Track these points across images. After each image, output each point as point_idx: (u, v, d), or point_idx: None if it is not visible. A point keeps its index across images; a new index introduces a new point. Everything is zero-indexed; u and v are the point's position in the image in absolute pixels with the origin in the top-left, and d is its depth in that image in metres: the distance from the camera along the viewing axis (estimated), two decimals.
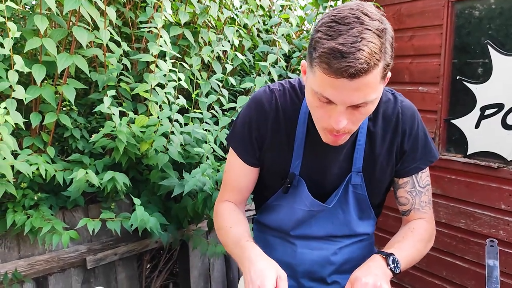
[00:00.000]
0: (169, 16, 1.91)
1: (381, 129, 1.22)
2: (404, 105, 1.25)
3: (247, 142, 1.26)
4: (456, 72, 2.16)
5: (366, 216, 1.33)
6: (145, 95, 1.91)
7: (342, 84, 0.92)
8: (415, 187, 1.29)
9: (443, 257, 2.27)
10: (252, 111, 1.26)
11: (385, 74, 0.97)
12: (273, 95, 1.24)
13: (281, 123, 1.23)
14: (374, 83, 0.95)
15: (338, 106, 0.97)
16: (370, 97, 0.96)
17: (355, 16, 0.92)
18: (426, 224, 1.30)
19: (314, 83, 0.98)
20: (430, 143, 1.29)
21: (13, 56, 1.62)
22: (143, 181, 2.19)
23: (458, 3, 2.12)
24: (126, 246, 2.22)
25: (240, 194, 1.35)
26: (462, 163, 2.15)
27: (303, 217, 1.29)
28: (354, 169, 1.23)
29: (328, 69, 0.91)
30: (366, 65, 0.89)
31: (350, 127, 1.04)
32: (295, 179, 1.24)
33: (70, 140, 2.03)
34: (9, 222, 1.79)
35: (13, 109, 1.62)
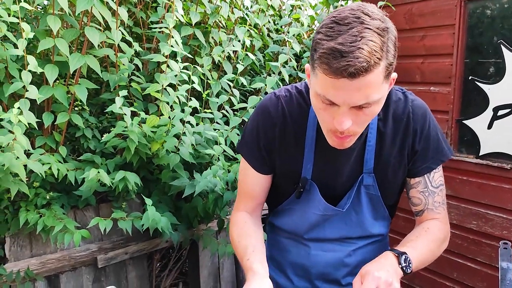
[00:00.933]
0: (181, 17, 1.91)
1: (391, 130, 1.21)
2: (415, 104, 1.22)
3: (256, 150, 1.27)
4: (468, 72, 2.14)
5: (380, 216, 1.31)
6: (157, 95, 1.92)
7: (343, 85, 0.91)
8: (427, 187, 1.27)
9: (454, 258, 2.26)
10: (259, 119, 1.26)
11: (388, 73, 0.96)
12: (279, 101, 1.23)
13: (290, 129, 1.23)
14: (376, 83, 0.93)
15: (341, 107, 0.96)
16: (373, 98, 0.95)
17: (355, 16, 0.91)
18: (440, 225, 1.28)
19: (317, 85, 0.98)
20: (442, 142, 1.26)
21: (27, 56, 1.63)
22: (153, 181, 2.20)
23: (471, 2, 2.10)
24: (137, 245, 2.24)
25: (255, 201, 1.35)
26: (474, 164, 2.14)
27: (317, 221, 1.28)
28: (365, 170, 1.22)
29: (328, 69, 0.91)
30: (366, 64, 0.88)
31: (354, 129, 1.02)
32: (307, 183, 1.23)
33: (82, 139, 2.04)
34: (22, 221, 1.81)
35: (26, 109, 1.64)
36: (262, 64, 2.65)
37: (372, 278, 1.02)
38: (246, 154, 1.30)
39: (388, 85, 1.00)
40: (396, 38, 0.97)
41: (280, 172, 1.28)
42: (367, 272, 1.05)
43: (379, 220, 1.32)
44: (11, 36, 1.69)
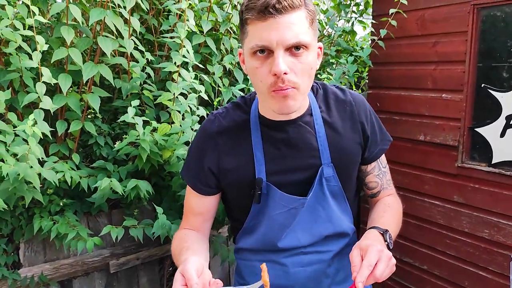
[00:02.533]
0: (193, 27, 1.93)
1: (337, 119, 1.27)
2: (353, 94, 1.32)
3: (199, 171, 1.27)
4: (481, 79, 2.12)
5: (344, 211, 1.32)
6: (168, 104, 1.93)
7: (271, 23, 1.00)
8: (380, 169, 1.36)
9: (465, 267, 2.24)
10: (198, 140, 1.29)
11: (311, 21, 1.06)
12: (216, 118, 1.27)
13: (232, 139, 1.24)
14: (302, 24, 1.03)
15: (276, 51, 1.02)
16: (303, 37, 1.02)
17: None
18: (395, 198, 1.39)
19: (249, 42, 1.05)
20: (382, 126, 1.38)
21: (41, 68, 1.65)
22: (165, 187, 2.22)
23: (484, 9, 2.09)
24: (148, 251, 2.26)
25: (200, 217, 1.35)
26: (486, 172, 2.12)
27: (285, 220, 1.25)
28: (323, 161, 1.23)
29: (255, 11, 1.01)
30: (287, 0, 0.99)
31: (294, 79, 1.05)
32: (263, 185, 1.22)
33: (95, 146, 2.07)
34: (36, 228, 1.84)
35: (40, 119, 1.66)
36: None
37: (376, 250, 1.03)
38: (188, 177, 1.31)
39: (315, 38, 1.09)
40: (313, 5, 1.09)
41: (233, 181, 1.26)
42: (367, 245, 1.05)
43: (344, 214, 1.32)
44: (26, 46, 1.72)
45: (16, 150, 1.59)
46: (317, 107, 1.26)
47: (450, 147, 2.26)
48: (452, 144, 2.25)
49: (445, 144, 2.29)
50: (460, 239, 2.26)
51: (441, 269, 2.37)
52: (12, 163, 1.58)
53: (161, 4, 2.29)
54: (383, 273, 1.01)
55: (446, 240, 2.32)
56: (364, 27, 2.89)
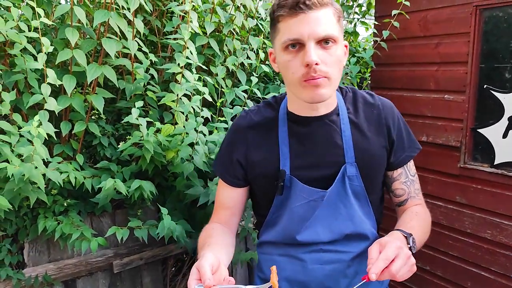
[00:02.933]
0: (196, 28, 1.93)
1: (364, 121, 1.29)
2: (382, 99, 1.35)
3: (229, 164, 1.35)
4: (483, 80, 2.13)
5: (367, 212, 1.32)
6: (172, 105, 1.94)
7: (302, 18, 1.08)
8: (408, 177, 1.36)
9: (468, 267, 2.25)
10: (231, 135, 1.37)
11: (338, 18, 1.14)
12: (247, 114, 1.36)
13: (261, 133, 1.31)
14: (330, 20, 1.10)
15: (307, 44, 1.09)
16: (332, 31, 1.10)
17: None
18: (424, 209, 1.38)
19: (281, 38, 1.13)
20: (411, 132, 1.38)
21: (46, 70, 1.66)
22: (168, 187, 2.23)
23: (486, 10, 2.09)
24: (152, 251, 2.27)
25: (228, 211, 1.40)
26: (488, 173, 2.13)
27: (304, 213, 1.27)
28: (347, 160, 1.25)
29: (286, 8, 1.09)
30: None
31: (325, 69, 1.11)
32: (286, 177, 1.26)
33: (99, 147, 2.08)
34: (41, 228, 1.85)
35: (45, 120, 1.68)
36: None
37: (395, 247, 1.04)
38: (219, 171, 1.39)
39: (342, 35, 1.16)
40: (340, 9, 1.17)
41: (259, 173, 1.31)
42: (388, 241, 1.06)
43: (367, 217, 1.32)
44: (31, 47, 1.73)
45: (21, 151, 1.60)
46: (345, 108, 1.30)
47: (453, 148, 2.27)
48: (455, 145, 2.25)
49: (447, 145, 2.29)
50: (463, 239, 2.27)
51: (444, 270, 2.38)
52: (17, 164, 1.59)
53: (165, 5, 2.31)
54: (399, 270, 1.01)
55: (449, 240, 2.33)
56: (367, 28, 2.90)
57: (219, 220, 1.40)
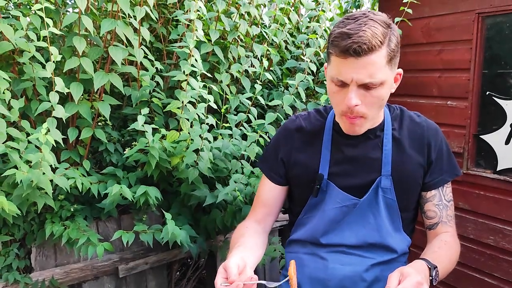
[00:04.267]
0: (201, 36, 1.97)
1: (407, 138, 1.32)
2: (428, 121, 1.38)
3: (273, 161, 1.41)
4: (486, 87, 2.14)
5: (397, 228, 1.33)
6: (177, 112, 1.97)
7: (350, 63, 1.09)
8: (441, 200, 1.36)
9: (471, 273, 2.25)
10: (279, 135, 1.44)
11: (390, 59, 1.14)
12: (298, 118, 1.42)
13: (306, 137, 1.37)
14: (379, 64, 1.11)
15: (350, 86, 1.13)
16: (376, 77, 1.12)
17: (363, 13, 1.13)
18: (454, 238, 1.36)
19: (330, 71, 1.17)
20: (453, 158, 1.38)
21: (54, 78, 1.70)
22: (173, 193, 2.25)
23: (489, 17, 2.11)
24: (156, 256, 2.29)
25: (266, 209, 1.44)
26: (491, 179, 2.13)
27: (335, 216, 1.31)
28: (383, 173, 1.29)
29: (338, 49, 1.10)
30: (368, 43, 1.07)
31: (363, 110, 1.17)
32: (323, 181, 1.31)
33: (105, 153, 2.11)
34: (48, 233, 1.88)
35: (53, 128, 1.71)
36: (279, 77, 2.69)
37: (415, 281, 1.03)
38: (264, 168, 1.45)
39: (393, 73, 1.19)
40: (399, 37, 1.17)
41: (299, 174, 1.37)
42: (409, 273, 1.06)
43: (396, 232, 1.33)
44: (39, 56, 1.77)
45: (30, 157, 1.63)
46: (390, 124, 1.34)
47: (455, 154, 2.26)
48: (457, 151, 2.26)
49: None
50: (465, 245, 2.27)
51: (447, 276, 2.38)
52: (26, 170, 1.62)
53: (170, 13, 2.34)
54: None
55: None
56: None
57: (255, 217, 1.44)
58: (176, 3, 2.32)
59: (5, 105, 1.68)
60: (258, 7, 2.44)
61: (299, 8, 2.91)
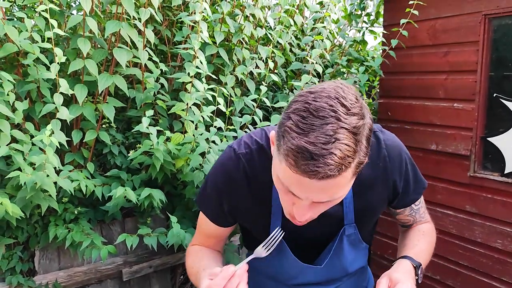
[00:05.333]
0: (206, 38, 1.96)
1: (368, 177, 1.14)
2: (388, 145, 1.17)
3: (217, 209, 1.22)
4: (493, 89, 2.12)
5: (360, 250, 1.29)
6: (181, 114, 1.96)
7: (309, 184, 0.84)
8: (412, 209, 1.31)
9: (478, 277, 2.23)
10: (219, 180, 1.19)
11: (357, 171, 0.90)
12: (240, 161, 1.15)
13: (254, 189, 1.16)
14: (344, 183, 0.88)
15: (302, 202, 0.91)
16: (337, 195, 0.91)
17: (332, 108, 0.83)
18: (430, 225, 1.35)
19: (280, 171, 0.90)
20: (418, 173, 1.27)
21: (59, 80, 1.69)
22: (177, 196, 2.24)
23: (495, 19, 2.09)
24: (160, 259, 2.28)
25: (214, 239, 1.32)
26: (499, 181, 2.11)
27: (296, 274, 1.24)
28: (346, 222, 1.19)
29: (295, 167, 0.83)
30: (336, 171, 0.82)
31: (313, 217, 0.99)
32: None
33: (109, 155, 2.10)
34: (51, 236, 1.87)
35: (57, 129, 1.70)
36: (284, 79, 2.68)
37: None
38: (205, 210, 1.26)
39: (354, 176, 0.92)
40: (371, 132, 0.89)
41: (250, 226, 1.25)
42: (398, 280, 1.02)
43: (359, 257, 1.30)
44: (43, 58, 1.76)
45: (34, 159, 1.62)
46: None
47: (462, 157, 2.26)
48: (464, 154, 2.24)
49: (457, 153, 2.28)
50: (473, 249, 2.25)
51: (454, 280, 2.36)
52: (30, 172, 1.61)
53: (175, 15, 2.33)
54: None
55: (459, 250, 2.31)
56: (375, 37, 2.90)
57: (204, 245, 1.32)
58: (181, 6, 2.31)
59: (9, 107, 1.67)
60: (263, 9, 2.43)
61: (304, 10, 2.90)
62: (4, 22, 1.70)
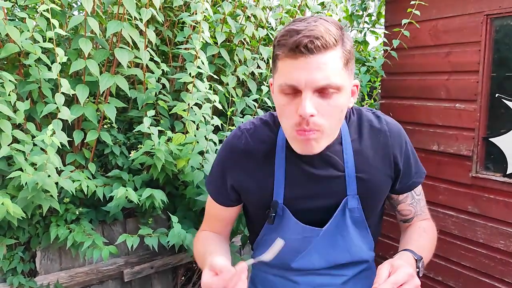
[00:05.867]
0: (207, 38, 1.95)
1: (369, 148, 1.20)
2: (389, 124, 1.24)
3: (222, 187, 1.26)
4: (495, 89, 2.12)
5: (366, 239, 1.28)
6: (183, 114, 1.96)
7: (301, 63, 0.95)
8: (414, 198, 1.32)
9: (481, 278, 2.22)
10: (223, 155, 1.26)
11: (347, 61, 1.00)
12: (243, 135, 1.23)
13: (256, 158, 1.21)
14: (335, 65, 0.97)
15: (304, 92, 0.98)
16: (334, 80, 0.98)
17: (313, 17, 1.01)
18: (431, 224, 1.35)
19: (278, 79, 1.02)
20: (418, 159, 1.32)
21: (60, 80, 1.69)
22: (179, 196, 2.24)
23: (497, 19, 2.09)
24: (162, 260, 2.27)
25: (221, 223, 1.36)
26: (501, 182, 2.11)
27: (300, 246, 1.23)
28: (349, 192, 1.19)
29: (286, 48, 0.96)
30: (321, 38, 0.94)
31: (320, 122, 1.01)
32: (278, 207, 1.19)
33: (110, 156, 2.10)
34: (53, 236, 1.87)
35: (59, 129, 1.70)
36: None
37: (407, 273, 0.99)
38: (211, 191, 1.31)
39: (350, 80, 1.04)
40: (352, 43, 1.04)
41: (253, 200, 1.26)
42: (399, 265, 1.02)
43: (364, 242, 1.28)
44: (45, 58, 1.76)
45: (35, 159, 1.62)
46: (348, 136, 1.20)
47: (464, 157, 2.25)
48: (466, 154, 2.24)
49: (459, 154, 2.28)
50: (475, 250, 2.24)
51: (456, 280, 2.35)
52: (31, 173, 1.61)
53: (176, 16, 2.33)
54: None
55: (461, 251, 2.30)
56: (377, 37, 2.90)
57: (211, 229, 1.36)
58: (182, 6, 2.31)
59: (11, 107, 1.67)
60: (264, 10, 2.43)
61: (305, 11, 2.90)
62: (6, 23, 1.70)
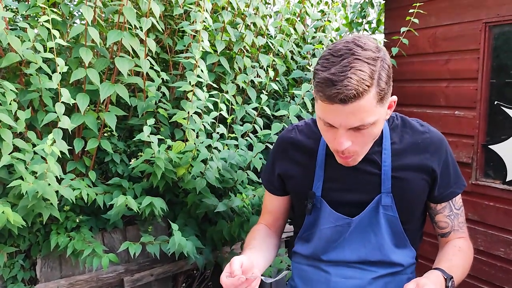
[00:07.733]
0: (207, 47, 1.97)
1: (408, 151, 1.26)
2: (432, 132, 1.30)
3: (271, 175, 1.41)
4: (494, 96, 2.12)
5: (401, 243, 1.30)
6: (183, 122, 1.97)
7: (337, 109, 1.03)
8: (452, 210, 1.33)
9: (481, 285, 2.22)
10: (275, 146, 1.42)
11: (381, 98, 1.05)
12: (294, 130, 1.38)
13: (301, 152, 1.34)
14: (369, 107, 1.04)
15: (339, 130, 1.08)
16: (368, 120, 1.06)
17: (348, 48, 1.03)
18: (468, 243, 1.34)
19: (317, 110, 1.11)
20: (459, 170, 1.34)
21: (61, 89, 1.70)
22: (179, 203, 2.24)
23: (496, 27, 2.10)
24: (162, 267, 2.27)
25: (273, 215, 1.47)
26: (500, 189, 2.11)
27: (332, 235, 1.29)
28: (383, 190, 1.24)
29: (323, 96, 1.03)
30: (354, 91, 0.99)
31: (355, 149, 1.13)
32: (315, 199, 1.29)
33: (110, 164, 2.10)
34: (53, 244, 1.87)
35: (59, 138, 1.71)
36: (285, 87, 2.69)
37: None
38: (264, 181, 1.47)
39: (385, 108, 1.10)
40: (390, 67, 1.09)
41: (295, 189, 1.36)
42: (425, 284, 1.04)
43: (400, 247, 1.31)
44: (46, 67, 1.77)
45: (35, 168, 1.63)
46: (389, 138, 1.27)
47: (464, 164, 2.25)
48: (466, 161, 2.24)
49: (458, 161, 2.26)
50: (475, 257, 2.22)
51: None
52: (31, 181, 1.62)
53: (176, 24, 2.35)
54: None
55: None
56: None
57: (265, 222, 1.47)
58: (182, 14, 2.33)
59: (12, 116, 1.69)
60: (264, 18, 2.45)
61: (305, 19, 2.91)
62: (7, 32, 1.71)
